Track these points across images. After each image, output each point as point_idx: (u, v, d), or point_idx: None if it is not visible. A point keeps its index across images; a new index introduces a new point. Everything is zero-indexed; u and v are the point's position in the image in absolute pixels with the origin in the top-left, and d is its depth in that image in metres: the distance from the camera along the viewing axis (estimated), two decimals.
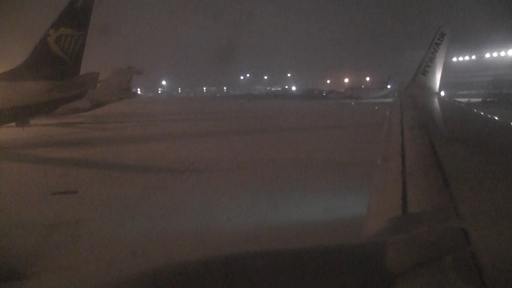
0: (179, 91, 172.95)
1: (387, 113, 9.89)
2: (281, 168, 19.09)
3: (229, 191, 15.49)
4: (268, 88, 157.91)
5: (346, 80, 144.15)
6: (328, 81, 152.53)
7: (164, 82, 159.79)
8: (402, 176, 3.34)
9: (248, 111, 65.30)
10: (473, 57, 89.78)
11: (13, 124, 35.19)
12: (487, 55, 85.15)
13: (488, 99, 70.18)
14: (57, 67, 29.10)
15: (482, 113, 8.57)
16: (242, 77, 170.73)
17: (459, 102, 14.06)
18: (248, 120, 49.18)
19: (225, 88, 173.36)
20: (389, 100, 45.84)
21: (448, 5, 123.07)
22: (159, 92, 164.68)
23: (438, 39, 15.71)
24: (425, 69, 15.38)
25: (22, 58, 29.87)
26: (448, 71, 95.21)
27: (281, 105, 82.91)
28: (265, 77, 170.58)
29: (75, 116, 46.07)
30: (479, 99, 69.67)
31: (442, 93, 17.55)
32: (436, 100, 12.47)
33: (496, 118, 7.46)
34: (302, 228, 10.95)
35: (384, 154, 5.00)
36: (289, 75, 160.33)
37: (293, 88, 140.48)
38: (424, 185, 2.99)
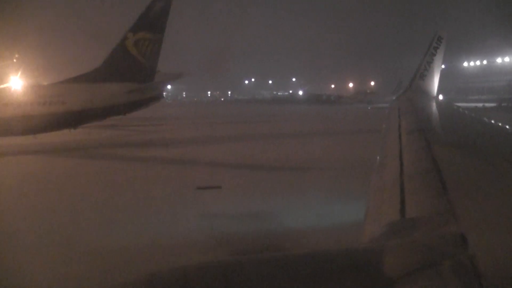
0: (184, 96, 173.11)
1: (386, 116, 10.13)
2: None
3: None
4: (274, 92, 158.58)
5: (351, 85, 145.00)
6: (333, 86, 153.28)
7: (169, 87, 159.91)
8: (400, 180, 3.37)
9: (279, 115, 64.57)
10: (484, 62, 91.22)
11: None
12: (499, 60, 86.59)
13: (503, 104, 71.00)
14: (135, 69, 29.72)
15: (479, 117, 8.67)
16: (246, 82, 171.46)
17: (456, 106, 14.22)
18: (298, 123, 48.64)
19: (229, 92, 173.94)
20: None
21: (458, 10, 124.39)
22: (163, 96, 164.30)
23: (436, 43, 15.72)
24: (423, 74, 15.41)
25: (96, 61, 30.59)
26: (459, 76, 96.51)
27: (301, 109, 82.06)
28: (270, 82, 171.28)
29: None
30: (494, 104, 70.44)
31: (440, 97, 17.40)
32: (433, 104, 12.68)
33: (493, 122, 7.57)
34: None
35: (382, 158, 5.04)
36: (294, 79, 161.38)
37: (300, 93, 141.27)
38: (422, 189, 2.99)
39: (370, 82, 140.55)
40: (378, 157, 5.14)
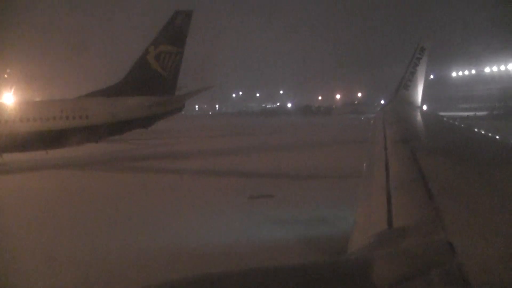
0: None
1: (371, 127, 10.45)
2: None
3: None
4: (263, 105, 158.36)
5: (338, 96, 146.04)
6: (320, 98, 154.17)
7: None
8: (386, 190, 3.38)
9: (278, 127, 62.88)
10: (473, 71, 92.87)
11: None
12: (487, 70, 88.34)
13: (494, 112, 71.85)
14: (156, 83, 29.67)
15: (462, 125, 8.90)
16: (234, 95, 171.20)
17: (440, 115, 14.61)
18: (304, 134, 48.24)
19: (217, 106, 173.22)
20: None
21: (445, 21, 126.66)
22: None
23: (419, 53, 16.11)
24: (407, 84, 15.77)
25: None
26: (448, 86, 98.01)
27: (296, 121, 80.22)
28: (257, 95, 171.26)
29: None
30: (485, 112, 71.26)
31: (424, 107, 17.82)
32: (418, 114, 12.89)
33: (477, 129, 7.70)
34: None
35: (368, 169, 5.08)
36: (281, 92, 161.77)
37: (288, 105, 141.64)
38: (408, 198, 3.01)
39: (357, 93, 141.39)
40: (364, 168, 5.20)
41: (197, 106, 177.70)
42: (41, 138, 26.29)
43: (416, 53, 16.12)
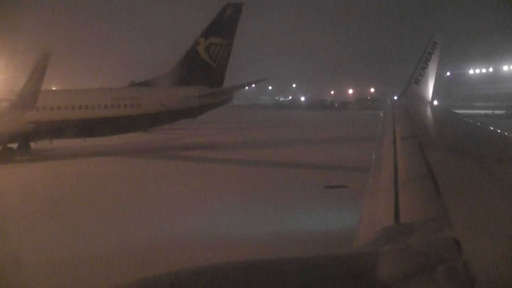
0: None
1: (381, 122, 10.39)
2: None
3: None
4: (276, 98, 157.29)
5: (350, 91, 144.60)
6: (332, 92, 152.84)
7: None
8: (394, 186, 3.36)
9: (301, 121, 62.71)
10: (490, 69, 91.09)
11: None
12: (505, 68, 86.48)
13: None
14: (206, 74, 29.91)
15: (472, 122, 8.71)
16: (246, 88, 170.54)
17: (451, 110, 14.49)
18: (334, 128, 47.45)
19: None
20: None
21: (463, 18, 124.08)
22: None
23: (431, 48, 15.80)
24: (418, 78, 15.48)
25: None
26: (465, 83, 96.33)
27: (315, 115, 78.57)
28: (269, 88, 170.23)
29: None
30: (503, 111, 69.78)
31: (435, 103, 17.39)
32: (428, 109, 12.72)
33: (489, 127, 7.58)
34: None
35: (376, 164, 5.04)
36: (294, 85, 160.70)
37: (302, 99, 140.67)
38: (416, 194, 3.00)
39: (370, 88, 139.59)
40: (373, 163, 5.14)
41: None
42: (91, 125, 26.49)
43: (428, 48, 15.78)
